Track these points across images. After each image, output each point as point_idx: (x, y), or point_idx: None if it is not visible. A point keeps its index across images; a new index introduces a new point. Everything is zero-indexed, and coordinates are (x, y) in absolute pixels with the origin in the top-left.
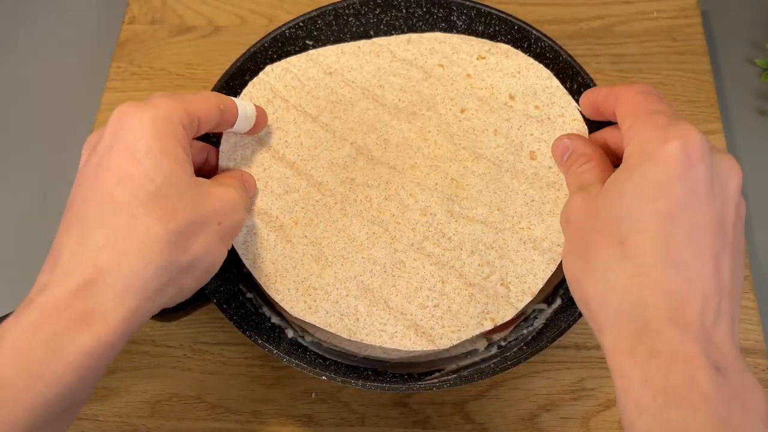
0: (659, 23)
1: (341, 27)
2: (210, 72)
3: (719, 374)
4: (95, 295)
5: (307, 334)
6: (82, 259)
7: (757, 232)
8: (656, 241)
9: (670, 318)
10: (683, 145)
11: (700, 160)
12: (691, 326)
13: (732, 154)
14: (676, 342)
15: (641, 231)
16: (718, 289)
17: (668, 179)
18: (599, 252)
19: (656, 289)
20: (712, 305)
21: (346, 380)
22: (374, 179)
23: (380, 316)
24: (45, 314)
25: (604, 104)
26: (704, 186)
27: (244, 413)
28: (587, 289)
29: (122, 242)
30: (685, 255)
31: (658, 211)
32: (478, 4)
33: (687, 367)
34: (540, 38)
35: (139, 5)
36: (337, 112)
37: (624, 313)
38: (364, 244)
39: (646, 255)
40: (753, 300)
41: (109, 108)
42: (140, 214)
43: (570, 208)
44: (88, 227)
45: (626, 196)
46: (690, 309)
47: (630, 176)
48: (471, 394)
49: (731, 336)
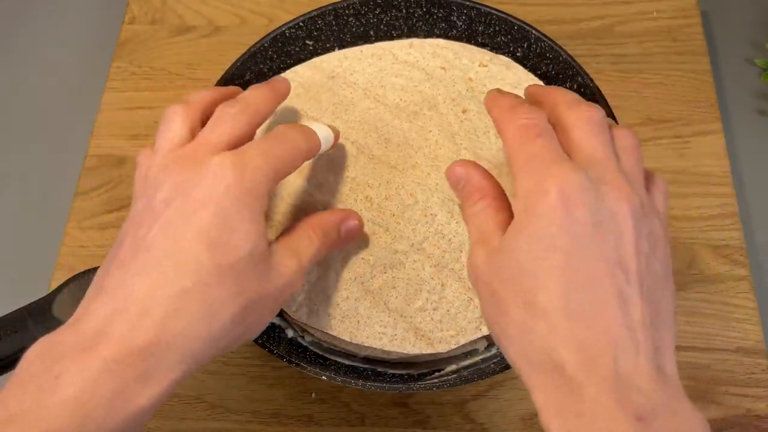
0: (659, 23)
1: (341, 27)
2: (210, 72)
3: (643, 424)
4: (157, 356)
5: (307, 333)
6: (153, 317)
7: (757, 232)
8: (558, 297)
9: (588, 372)
10: (560, 194)
11: (579, 204)
12: (607, 378)
13: (732, 154)
14: (595, 399)
15: (542, 289)
16: (627, 327)
17: (554, 233)
18: (511, 316)
19: (570, 345)
20: (627, 346)
21: (346, 380)
22: (375, 179)
23: (380, 319)
24: (109, 369)
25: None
26: (589, 229)
27: (244, 413)
28: (510, 353)
29: (194, 309)
30: (587, 304)
31: (553, 267)
32: (478, 4)
33: (608, 426)
34: (540, 38)
35: (139, 5)
36: (339, 112)
37: (548, 372)
38: (365, 244)
39: (552, 313)
40: (753, 300)
41: (109, 108)
42: (216, 283)
43: (475, 265)
44: (163, 279)
45: (521, 256)
46: (603, 359)
47: (520, 234)
48: (471, 394)
49: (657, 370)
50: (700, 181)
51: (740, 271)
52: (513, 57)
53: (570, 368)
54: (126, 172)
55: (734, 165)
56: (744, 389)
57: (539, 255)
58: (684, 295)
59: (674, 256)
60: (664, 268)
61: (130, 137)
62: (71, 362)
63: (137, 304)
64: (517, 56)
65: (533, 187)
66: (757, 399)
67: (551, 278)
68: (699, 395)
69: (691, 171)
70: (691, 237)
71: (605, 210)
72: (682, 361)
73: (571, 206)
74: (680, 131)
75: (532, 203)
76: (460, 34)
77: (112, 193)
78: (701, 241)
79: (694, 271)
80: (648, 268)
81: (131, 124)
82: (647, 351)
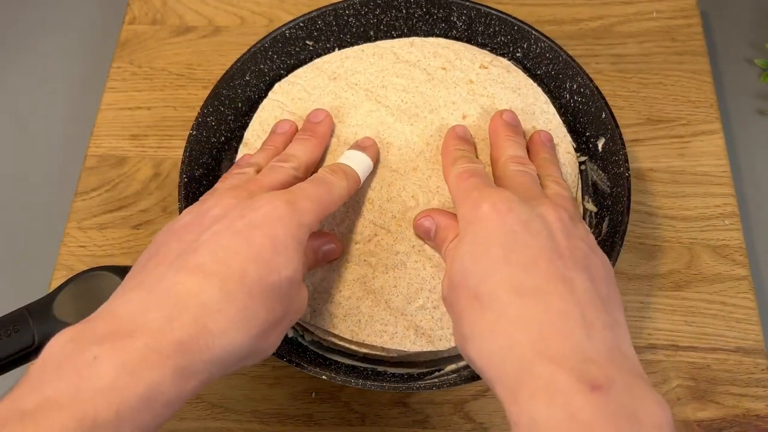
0: (659, 23)
1: (341, 27)
2: (210, 72)
3: (600, 393)
4: (193, 353)
5: (307, 333)
6: (194, 313)
7: (757, 231)
8: (502, 282)
9: (539, 351)
10: (491, 204)
11: (508, 210)
12: (559, 353)
13: (732, 154)
14: (549, 376)
15: (487, 279)
16: (576, 304)
17: (491, 232)
18: (465, 316)
19: (519, 324)
20: (577, 321)
21: (346, 380)
22: (376, 181)
23: (382, 317)
24: (147, 360)
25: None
26: (521, 226)
27: (244, 413)
28: (470, 354)
29: (233, 314)
30: (532, 284)
31: (494, 258)
32: (477, 4)
33: (564, 400)
34: (540, 38)
35: (140, 5)
36: (341, 116)
37: (501, 360)
38: (367, 246)
39: (498, 297)
40: (752, 300)
41: (109, 108)
42: (256, 296)
43: (442, 289)
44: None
45: (465, 259)
46: (555, 334)
47: (461, 244)
48: (471, 394)
49: (611, 345)
50: (700, 181)
51: (740, 271)
52: (513, 57)
53: (521, 348)
54: (126, 172)
55: (734, 165)
56: (743, 389)
57: (479, 253)
58: (684, 295)
59: (674, 256)
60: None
61: (130, 137)
62: (109, 347)
63: (178, 299)
64: (517, 56)
65: (469, 207)
66: (757, 399)
67: (494, 268)
68: (699, 395)
69: (690, 171)
70: (691, 237)
71: (535, 213)
72: (682, 361)
73: (503, 212)
74: (680, 131)
75: (469, 218)
76: (460, 35)
77: (112, 193)
78: (701, 241)
79: (693, 271)
80: (585, 259)
81: (131, 124)
82: (599, 328)
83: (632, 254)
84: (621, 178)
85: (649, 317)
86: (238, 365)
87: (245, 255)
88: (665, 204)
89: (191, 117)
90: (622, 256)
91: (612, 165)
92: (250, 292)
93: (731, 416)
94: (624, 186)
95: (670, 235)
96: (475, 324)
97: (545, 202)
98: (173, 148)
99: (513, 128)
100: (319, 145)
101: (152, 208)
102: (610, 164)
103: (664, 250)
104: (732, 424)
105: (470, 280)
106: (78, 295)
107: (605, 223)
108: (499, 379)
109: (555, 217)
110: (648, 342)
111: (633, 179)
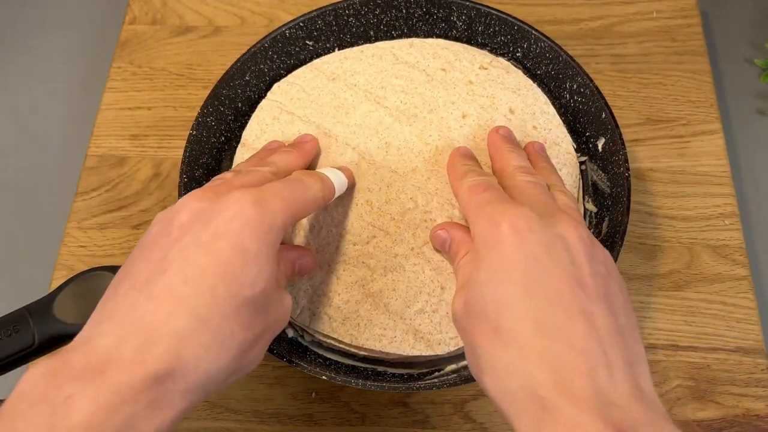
0: (659, 23)
1: (341, 27)
2: (210, 72)
3: None
4: (168, 384)
5: (306, 333)
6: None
7: (757, 231)
8: (524, 317)
9: (562, 391)
10: (510, 223)
11: (528, 229)
12: (582, 395)
13: (732, 154)
14: (572, 418)
15: (507, 313)
16: (597, 342)
17: (511, 258)
18: (482, 347)
19: (541, 364)
20: (599, 361)
21: (346, 380)
22: (375, 183)
23: (381, 321)
24: (121, 396)
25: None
26: (543, 250)
27: (244, 413)
28: (487, 386)
29: (206, 339)
30: (554, 321)
31: (515, 288)
32: (477, 4)
33: None
34: (540, 38)
35: (140, 5)
36: (340, 116)
37: (522, 398)
38: (366, 248)
39: (520, 334)
40: (752, 300)
41: (109, 108)
42: (229, 315)
43: (454, 310)
44: (177, 306)
45: (483, 287)
46: (577, 375)
47: (480, 267)
48: (471, 394)
49: (633, 384)
50: (700, 181)
51: (740, 271)
52: (513, 57)
53: (544, 389)
54: (126, 172)
55: (734, 165)
56: (743, 389)
57: (499, 280)
58: (684, 295)
59: (674, 256)
60: (620, 287)
61: (130, 137)
62: (82, 384)
63: (150, 329)
64: (517, 56)
65: (486, 225)
66: (757, 399)
67: (514, 302)
68: (699, 395)
69: (690, 171)
70: (691, 237)
71: (555, 234)
72: (682, 361)
73: (522, 232)
74: (680, 131)
75: (487, 238)
76: (459, 35)
77: (112, 193)
78: (701, 241)
79: (693, 271)
80: (605, 286)
81: (131, 124)
82: (621, 366)
83: (632, 254)
84: (621, 178)
85: (649, 317)
86: (222, 386)
87: (214, 272)
88: (665, 204)
89: (191, 117)
90: (622, 256)
91: (612, 165)
92: (222, 313)
93: (731, 416)
94: (624, 186)
95: (670, 235)
96: (494, 358)
97: (563, 219)
98: (173, 148)
99: (512, 142)
100: (302, 158)
101: (152, 208)
102: (610, 164)
103: (664, 250)
104: (732, 424)
105: (489, 309)
106: (78, 295)
107: (605, 223)
108: (517, 416)
109: (576, 237)
110: (648, 342)
111: (633, 179)
